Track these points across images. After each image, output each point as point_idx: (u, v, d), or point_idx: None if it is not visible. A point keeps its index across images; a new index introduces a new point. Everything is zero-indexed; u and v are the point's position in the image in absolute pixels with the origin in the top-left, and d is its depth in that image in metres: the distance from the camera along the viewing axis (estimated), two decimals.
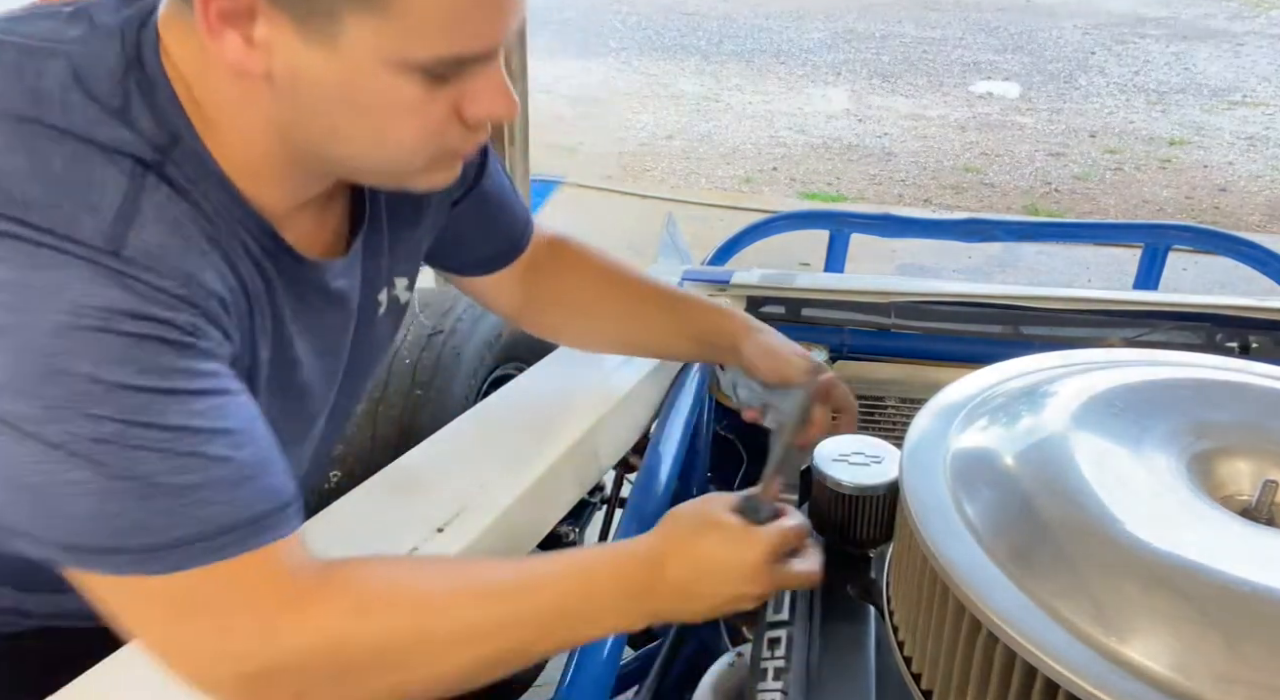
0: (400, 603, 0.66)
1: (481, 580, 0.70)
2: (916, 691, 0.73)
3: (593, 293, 1.07)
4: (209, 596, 0.61)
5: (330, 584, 0.65)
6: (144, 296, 0.58)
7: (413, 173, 0.69)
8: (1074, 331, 1.42)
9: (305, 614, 0.63)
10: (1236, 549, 0.63)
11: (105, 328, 0.56)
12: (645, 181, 5.29)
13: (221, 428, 0.60)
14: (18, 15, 0.64)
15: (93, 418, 0.55)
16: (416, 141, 0.65)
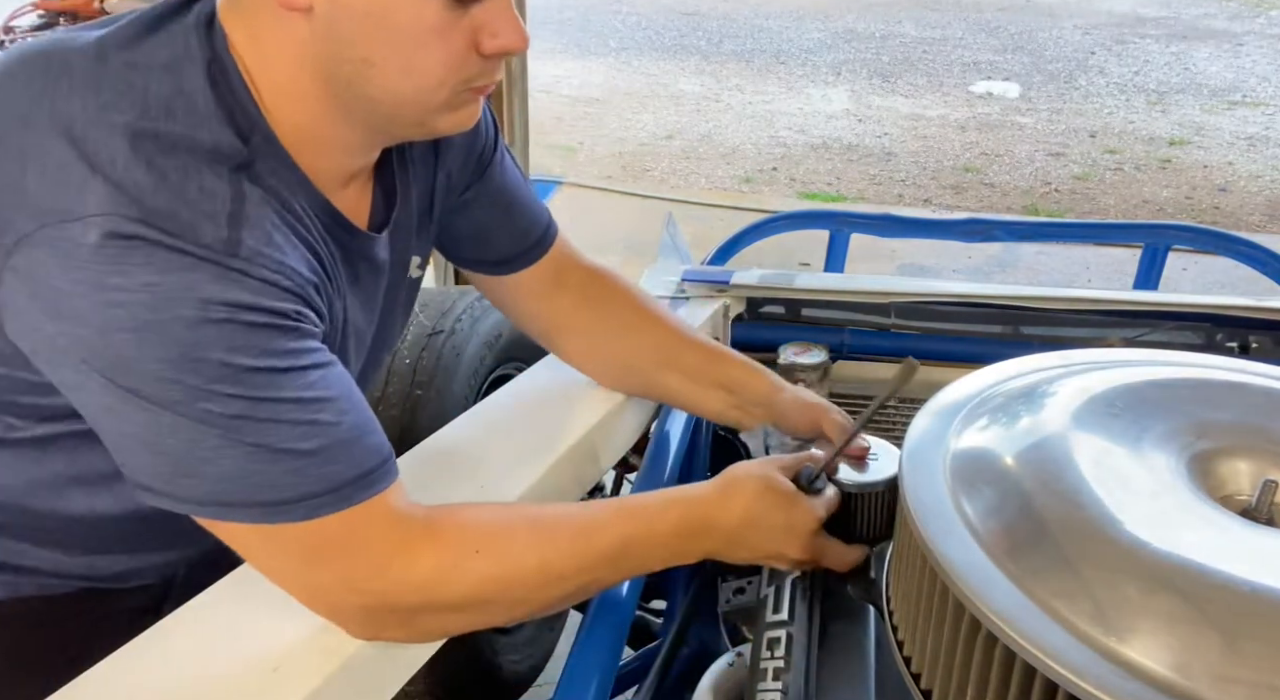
0: (486, 548, 0.75)
1: (560, 524, 0.80)
2: (916, 691, 0.73)
3: (628, 332, 1.08)
4: (333, 541, 0.70)
5: (434, 528, 0.75)
6: (258, 291, 0.66)
7: (437, 109, 0.73)
8: (1074, 331, 1.42)
9: (414, 554, 0.73)
10: (1236, 549, 0.63)
11: (230, 319, 0.64)
12: (645, 181, 5.29)
13: (329, 397, 0.69)
14: (110, 31, 0.70)
15: (227, 397, 0.64)
16: (442, 70, 0.70)
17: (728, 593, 1.17)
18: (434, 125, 0.75)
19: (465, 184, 0.97)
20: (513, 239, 1.03)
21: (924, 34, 8.98)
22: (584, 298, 1.07)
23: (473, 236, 1.01)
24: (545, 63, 7.42)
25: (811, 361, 1.41)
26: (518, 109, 3.22)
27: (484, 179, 0.98)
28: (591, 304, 1.07)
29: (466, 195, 0.98)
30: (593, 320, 1.08)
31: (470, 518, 0.78)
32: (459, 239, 1.01)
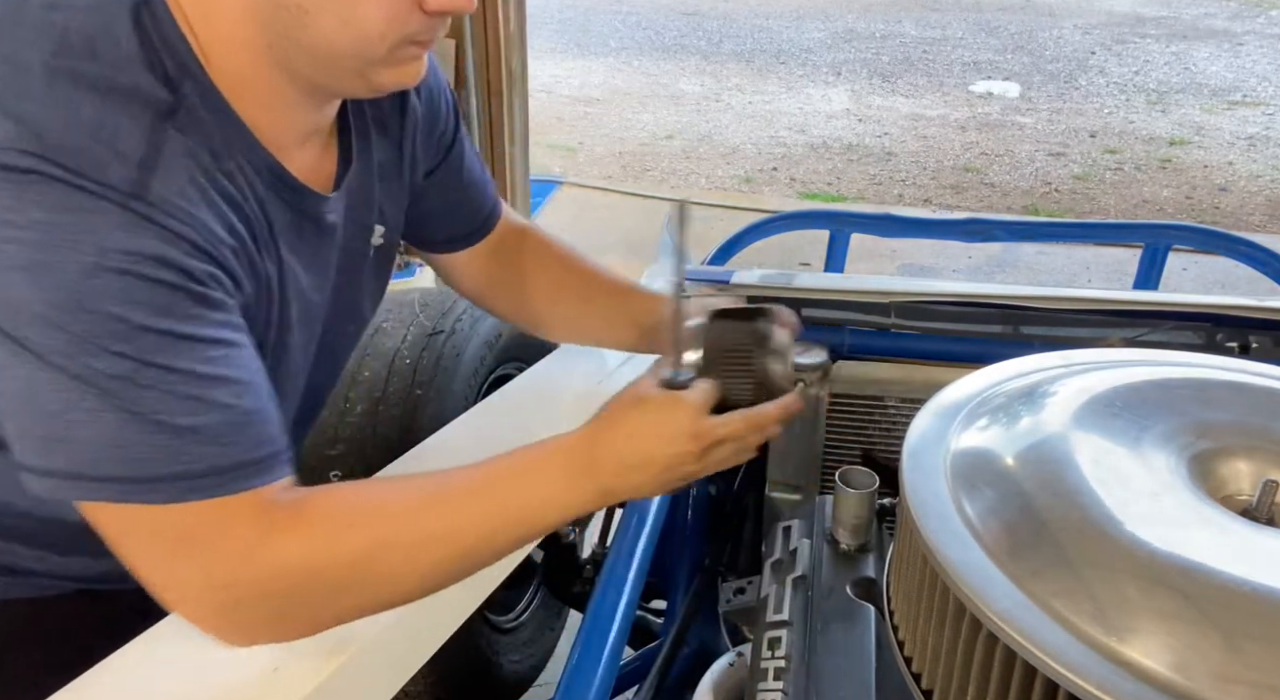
0: (360, 521, 0.70)
1: (434, 488, 0.75)
2: (916, 691, 0.73)
3: (549, 281, 1.08)
4: (199, 529, 0.65)
5: (303, 508, 0.69)
6: (165, 241, 0.62)
7: (378, 63, 0.70)
8: (1074, 331, 1.42)
9: (281, 538, 0.68)
10: (1236, 549, 0.63)
11: (129, 270, 0.60)
12: (645, 181, 5.29)
13: (226, 376, 0.65)
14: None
15: (112, 354, 0.60)
16: (382, 24, 0.67)
17: (728, 593, 1.17)
18: (375, 79, 0.72)
19: (428, 168, 0.97)
20: (467, 218, 1.04)
21: (924, 34, 8.98)
22: (515, 257, 1.08)
23: (425, 218, 1.01)
24: (545, 63, 7.42)
25: (811, 361, 1.41)
26: (518, 109, 3.22)
27: (446, 163, 0.98)
28: (523, 261, 1.08)
29: (430, 179, 0.98)
30: (522, 276, 1.08)
31: (345, 493, 0.74)
32: (417, 219, 1.00)
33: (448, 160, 0.99)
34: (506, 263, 1.08)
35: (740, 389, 0.84)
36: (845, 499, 0.98)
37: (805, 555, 1.00)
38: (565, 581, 1.36)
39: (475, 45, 3.04)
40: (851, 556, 0.98)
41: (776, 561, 1.03)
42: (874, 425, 1.44)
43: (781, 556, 1.03)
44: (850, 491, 0.98)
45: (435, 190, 0.99)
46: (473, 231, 1.05)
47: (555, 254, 1.09)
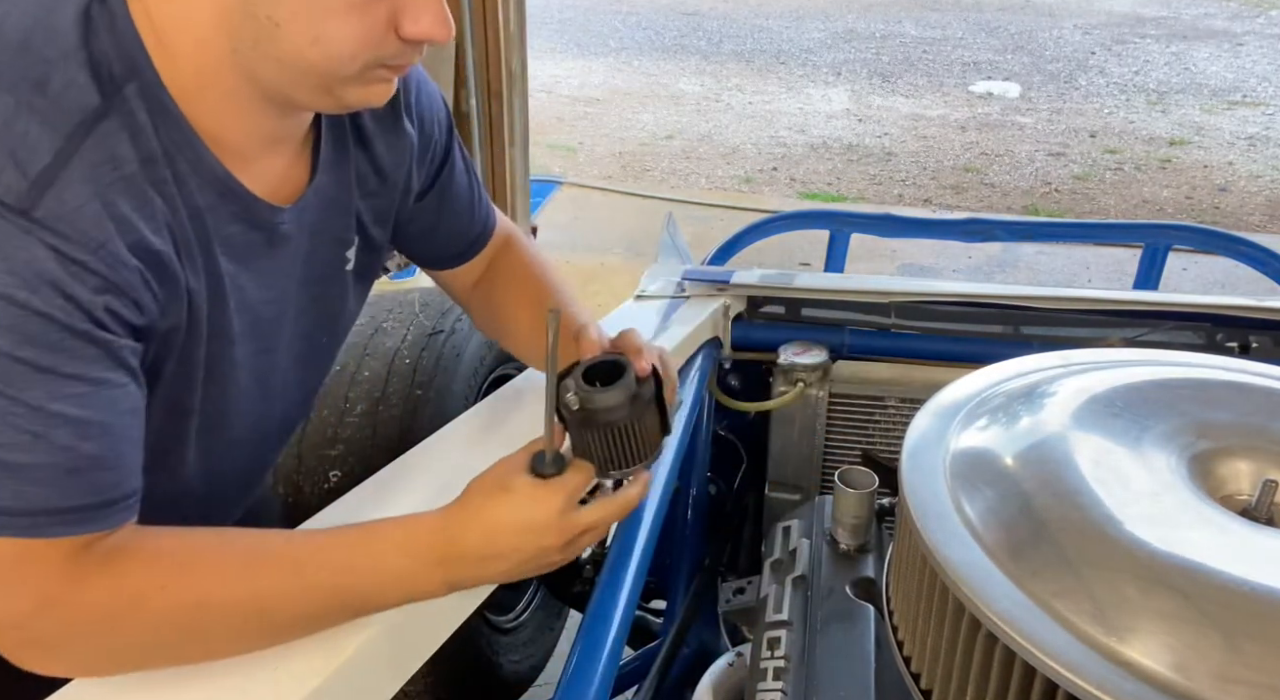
0: (175, 582, 0.67)
1: (269, 552, 0.71)
2: (916, 691, 0.73)
3: (510, 305, 1.05)
4: (10, 567, 0.62)
5: (112, 567, 0.65)
6: (49, 263, 0.59)
7: (346, 81, 0.68)
8: (1074, 331, 1.42)
9: (80, 596, 0.64)
10: (1236, 549, 0.63)
11: (6, 295, 0.57)
12: (645, 181, 5.29)
13: (76, 417, 0.61)
14: None
15: None
16: (354, 45, 0.66)
17: (728, 593, 1.17)
18: (342, 97, 0.70)
19: (422, 188, 0.94)
20: (448, 243, 1.02)
21: (924, 34, 8.98)
22: (488, 275, 1.06)
23: (412, 238, 0.99)
24: (545, 63, 7.42)
25: (811, 361, 1.41)
26: (518, 109, 3.22)
27: (435, 187, 0.96)
28: (494, 280, 1.06)
29: (419, 203, 0.95)
30: (490, 294, 1.06)
31: (173, 546, 0.69)
32: (410, 237, 0.98)
33: (436, 184, 0.96)
34: (484, 278, 1.07)
35: (615, 455, 0.81)
36: (845, 499, 0.98)
37: (805, 555, 1.00)
38: (565, 581, 1.36)
39: (475, 45, 3.04)
40: (851, 556, 0.98)
41: (776, 561, 1.03)
42: (874, 425, 1.44)
43: (781, 556, 1.04)
44: (850, 491, 0.98)
45: (423, 213, 0.97)
46: (460, 252, 1.03)
47: (520, 277, 1.06)
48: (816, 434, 1.45)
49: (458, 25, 2.97)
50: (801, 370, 1.41)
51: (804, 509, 1.11)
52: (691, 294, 1.46)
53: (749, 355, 1.48)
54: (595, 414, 0.79)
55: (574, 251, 4.10)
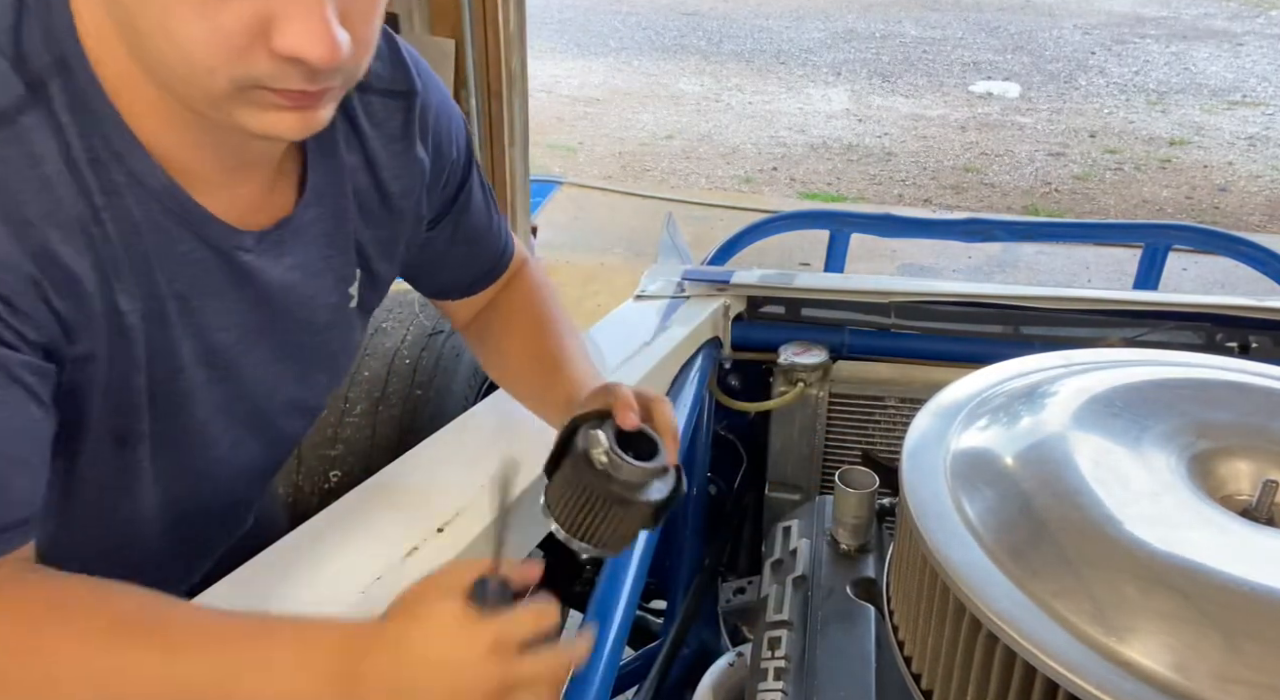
0: (33, 636, 0.58)
1: (142, 621, 0.61)
2: (916, 691, 0.73)
3: (506, 343, 0.99)
4: None
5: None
6: None
7: (226, 101, 0.58)
8: (1074, 331, 1.42)
9: None
10: (1236, 549, 0.63)
11: None
12: (645, 181, 5.29)
13: None
14: None
15: None
16: (204, 53, 0.55)
17: (728, 593, 1.17)
18: (235, 119, 0.59)
19: (435, 215, 0.88)
20: (474, 269, 0.97)
21: (924, 34, 8.98)
22: (489, 308, 1.01)
23: (425, 266, 0.93)
24: (545, 62, 7.42)
25: (811, 361, 1.41)
26: (517, 109, 3.22)
27: (453, 210, 0.89)
28: (493, 315, 1.01)
29: (437, 229, 0.89)
30: (487, 329, 1.01)
31: (37, 596, 0.60)
32: (420, 268, 0.93)
33: (451, 212, 0.90)
34: (485, 308, 1.02)
35: (599, 527, 0.74)
36: (845, 499, 0.98)
37: (805, 555, 1.00)
38: (565, 581, 1.36)
39: (475, 45, 3.04)
40: (851, 556, 0.98)
41: (776, 561, 1.03)
42: (874, 425, 1.44)
43: (781, 556, 1.04)
44: (850, 491, 0.98)
45: (433, 242, 0.90)
46: (468, 284, 0.98)
47: (520, 316, 0.99)
48: (816, 434, 1.45)
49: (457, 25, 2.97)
50: (801, 370, 1.41)
51: (804, 509, 1.11)
52: (691, 294, 1.46)
53: (749, 355, 1.48)
54: (614, 482, 0.72)
55: (574, 251, 4.10)
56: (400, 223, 0.83)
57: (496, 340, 1.00)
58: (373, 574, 0.82)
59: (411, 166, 0.81)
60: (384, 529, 0.89)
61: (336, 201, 0.76)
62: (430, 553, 0.86)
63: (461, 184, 0.89)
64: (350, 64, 0.59)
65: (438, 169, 0.84)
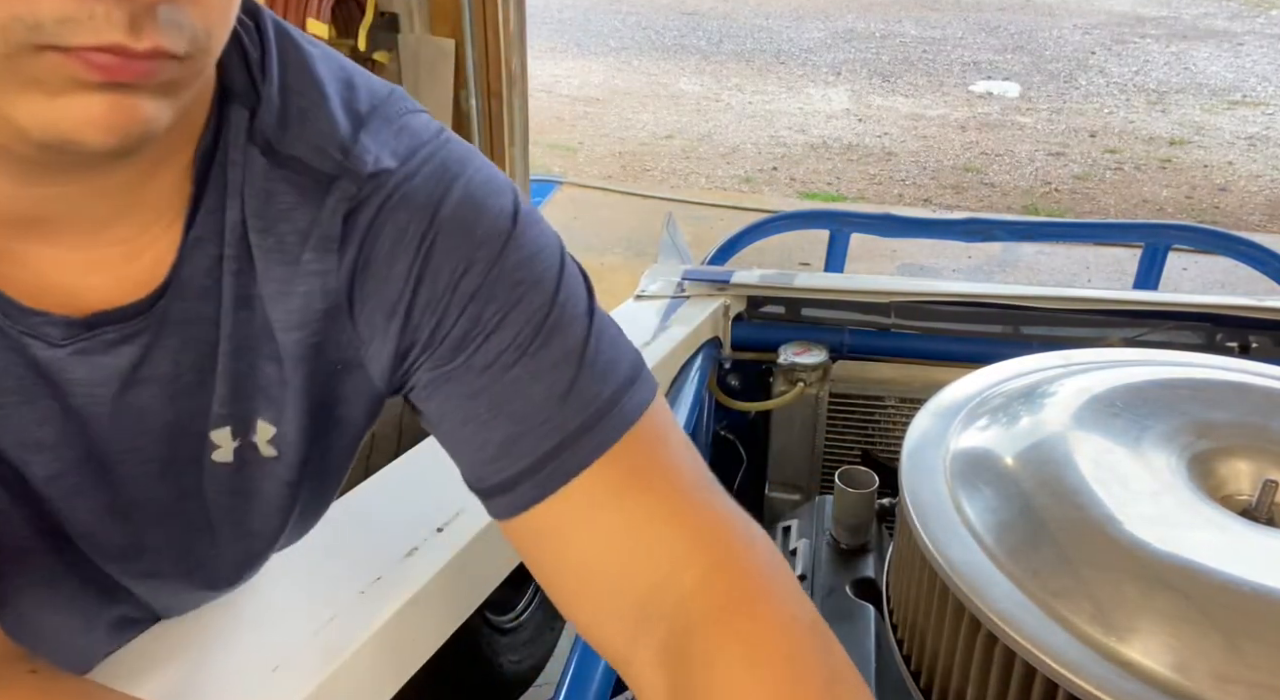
0: None
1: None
2: (916, 691, 0.73)
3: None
4: None
5: None
6: None
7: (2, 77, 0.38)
8: (1074, 331, 1.42)
9: None
10: (1236, 549, 0.63)
11: None
12: (645, 181, 5.29)
13: None
14: None
15: None
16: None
17: None
18: (16, 113, 0.39)
19: (400, 384, 0.58)
20: (472, 466, 0.58)
21: (924, 33, 8.98)
22: None
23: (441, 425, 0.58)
24: (545, 62, 7.42)
25: (811, 361, 1.41)
26: (517, 109, 3.22)
27: (448, 373, 0.55)
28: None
29: (425, 390, 0.57)
30: None
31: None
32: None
33: (449, 370, 0.55)
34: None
35: None
36: (845, 499, 0.98)
37: (805, 555, 1.00)
38: None
39: (475, 45, 3.04)
40: (851, 556, 0.98)
41: None
42: (874, 425, 1.44)
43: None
44: (850, 491, 0.98)
45: (435, 405, 0.57)
46: (486, 483, 0.57)
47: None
48: (816, 434, 1.46)
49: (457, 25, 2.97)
50: (801, 370, 1.41)
51: (804, 509, 1.11)
52: (691, 294, 1.46)
53: (749, 355, 1.48)
54: None
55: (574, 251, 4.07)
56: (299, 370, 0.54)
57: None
58: (373, 574, 0.82)
59: (346, 251, 0.52)
60: (383, 529, 0.88)
61: (216, 294, 0.51)
62: (430, 553, 0.86)
63: (476, 343, 0.55)
64: (198, 22, 0.40)
65: (394, 301, 0.54)
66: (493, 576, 0.94)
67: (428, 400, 0.57)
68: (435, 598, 0.84)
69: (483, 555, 0.91)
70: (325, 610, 0.78)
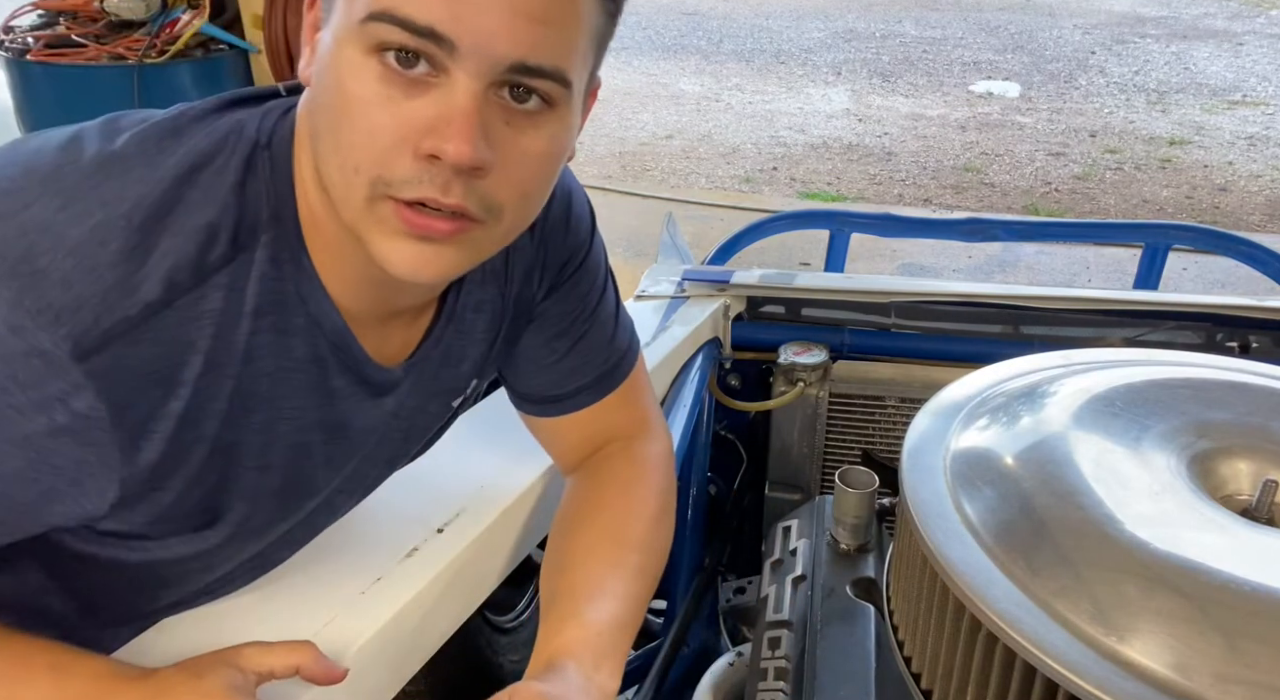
0: None
1: None
2: (916, 691, 0.74)
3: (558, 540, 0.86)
4: None
5: None
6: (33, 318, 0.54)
7: (362, 212, 0.59)
8: (1074, 331, 1.42)
9: None
10: (1237, 549, 0.63)
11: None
12: (645, 181, 5.29)
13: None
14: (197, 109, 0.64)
15: None
16: (360, 147, 0.57)
17: (728, 593, 1.17)
18: (367, 240, 0.60)
19: (539, 302, 0.84)
20: (553, 380, 0.88)
21: (924, 33, 8.98)
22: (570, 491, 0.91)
23: (515, 362, 0.88)
24: None
25: (811, 361, 1.41)
26: None
27: (553, 297, 0.84)
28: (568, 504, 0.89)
29: (533, 314, 0.85)
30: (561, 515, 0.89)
31: None
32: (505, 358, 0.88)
33: (553, 298, 0.85)
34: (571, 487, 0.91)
35: None
36: (845, 499, 0.98)
37: (805, 555, 1.00)
38: None
39: None
40: (851, 556, 0.98)
41: (776, 561, 1.03)
42: (874, 425, 1.44)
43: (781, 556, 1.04)
44: (850, 491, 0.98)
45: (530, 332, 0.85)
46: (553, 399, 0.89)
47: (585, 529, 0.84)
48: (816, 434, 1.46)
49: None
50: (801, 370, 1.41)
51: (804, 509, 1.11)
52: (691, 294, 1.46)
53: (749, 355, 1.48)
54: None
55: None
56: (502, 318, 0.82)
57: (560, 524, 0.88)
58: (373, 574, 0.82)
59: (512, 258, 0.80)
60: (384, 529, 0.89)
61: (465, 319, 0.77)
62: (430, 553, 0.86)
63: (582, 259, 0.85)
64: (493, 195, 0.59)
65: (544, 257, 0.82)
66: (493, 576, 0.94)
67: (526, 337, 0.86)
68: (435, 598, 0.84)
69: (483, 555, 0.91)
70: (325, 610, 0.78)
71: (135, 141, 0.60)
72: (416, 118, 0.56)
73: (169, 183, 0.58)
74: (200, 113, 0.63)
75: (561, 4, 0.57)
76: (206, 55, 3.04)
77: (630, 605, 0.78)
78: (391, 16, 0.54)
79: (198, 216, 0.59)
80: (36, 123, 3.07)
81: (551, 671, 0.70)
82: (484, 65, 0.55)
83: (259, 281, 0.62)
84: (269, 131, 0.63)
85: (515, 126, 0.59)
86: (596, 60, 0.64)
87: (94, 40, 2.98)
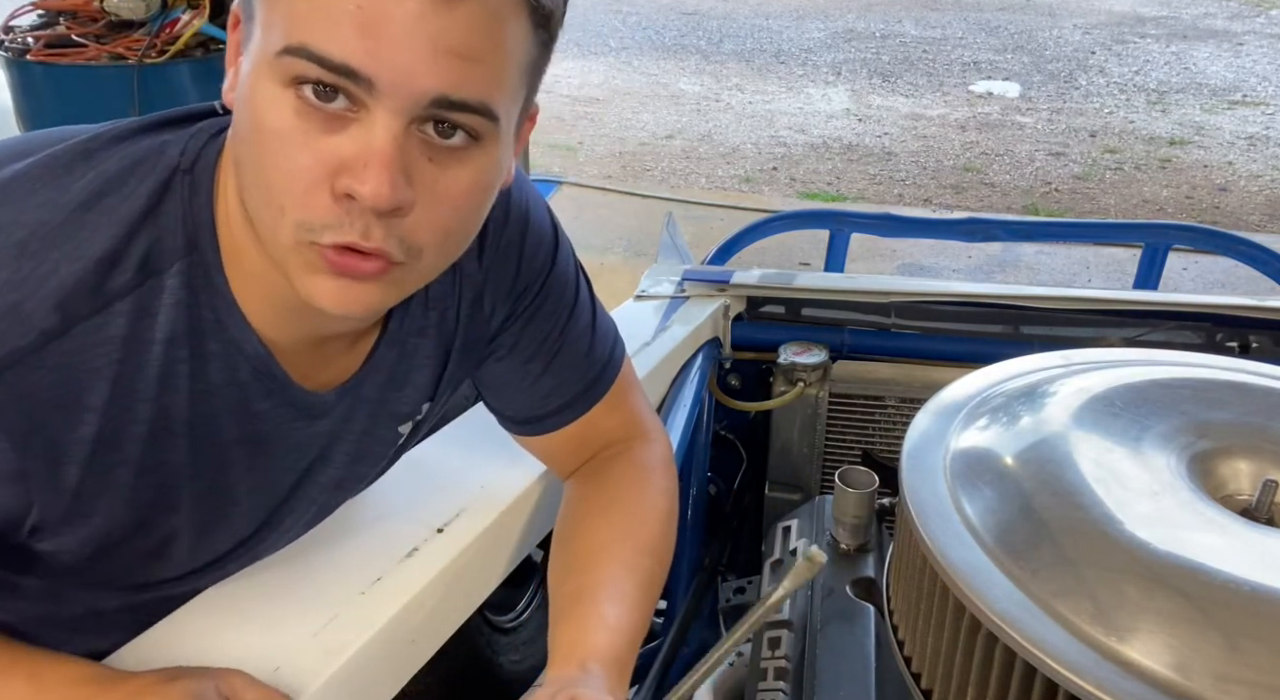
0: None
1: None
2: (916, 691, 0.74)
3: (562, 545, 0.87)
4: None
5: None
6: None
7: (289, 253, 0.58)
8: (1074, 331, 1.42)
9: None
10: (1236, 549, 0.63)
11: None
12: (645, 181, 5.29)
13: None
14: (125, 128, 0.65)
15: None
16: (280, 188, 0.56)
17: (728, 592, 1.17)
18: (292, 279, 0.59)
19: (499, 327, 0.83)
20: (533, 401, 0.87)
21: (924, 33, 8.98)
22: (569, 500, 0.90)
23: (491, 387, 0.88)
24: None
25: (811, 361, 1.41)
26: None
27: (517, 323, 0.83)
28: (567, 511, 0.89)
29: (497, 342, 0.84)
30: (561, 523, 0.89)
31: None
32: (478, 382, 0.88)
33: (522, 317, 0.83)
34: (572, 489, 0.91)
35: None
36: (845, 499, 0.98)
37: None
38: None
39: None
40: (851, 556, 0.98)
41: (776, 561, 1.04)
42: (874, 425, 1.44)
43: (781, 556, 1.04)
44: (850, 491, 0.98)
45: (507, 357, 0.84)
46: (535, 419, 0.88)
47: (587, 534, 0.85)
48: (816, 434, 1.46)
49: None
50: (801, 370, 1.41)
51: (804, 509, 1.11)
52: (691, 294, 1.46)
53: (749, 355, 1.48)
54: None
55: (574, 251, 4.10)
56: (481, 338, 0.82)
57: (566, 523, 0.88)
58: (373, 574, 0.82)
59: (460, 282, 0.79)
60: (384, 529, 0.89)
61: (408, 343, 0.77)
62: (430, 553, 0.86)
63: (544, 277, 0.83)
64: (413, 237, 0.58)
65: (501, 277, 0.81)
66: (493, 576, 0.94)
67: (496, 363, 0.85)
68: (435, 598, 0.84)
69: (483, 555, 0.91)
70: (325, 610, 0.78)
71: (42, 164, 0.60)
72: (333, 156, 0.54)
73: (70, 208, 0.58)
74: (122, 133, 0.63)
75: (486, 37, 0.55)
76: (206, 55, 3.04)
77: (642, 616, 0.79)
78: (307, 52, 0.53)
79: (98, 243, 0.59)
80: (36, 122, 3.07)
81: (585, 674, 0.70)
82: (405, 102, 0.54)
83: (172, 308, 0.62)
84: (194, 154, 0.63)
85: (439, 163, 0.57)
86: (530, 90, 0.62)
87: (94, 40, 2.98)
